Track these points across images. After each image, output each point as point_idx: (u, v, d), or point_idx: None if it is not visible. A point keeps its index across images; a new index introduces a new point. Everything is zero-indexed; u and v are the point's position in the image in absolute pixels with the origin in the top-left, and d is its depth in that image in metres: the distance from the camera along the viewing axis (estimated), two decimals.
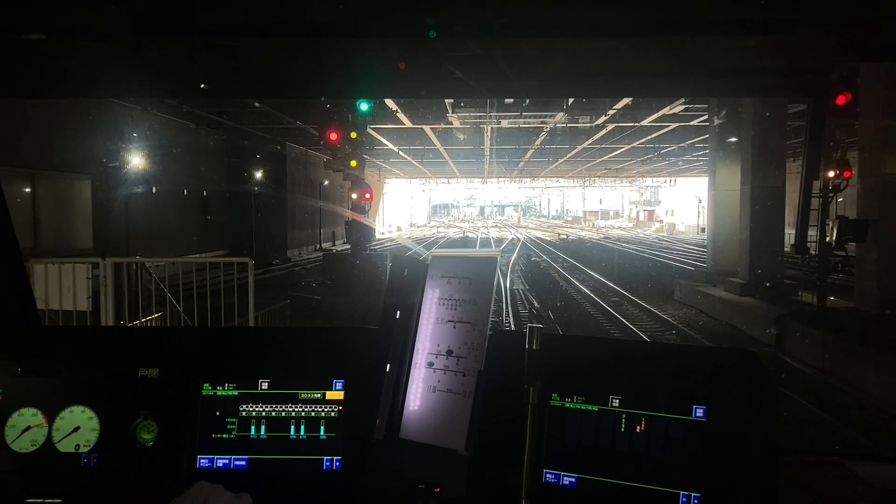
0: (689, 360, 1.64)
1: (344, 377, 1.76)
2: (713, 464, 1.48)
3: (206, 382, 1.76)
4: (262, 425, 1.74)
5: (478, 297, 1.63)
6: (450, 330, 1.64)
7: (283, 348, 1.84)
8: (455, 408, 1.56)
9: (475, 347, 1.59)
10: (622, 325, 15.04)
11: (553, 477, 1.60)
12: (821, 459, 1.92)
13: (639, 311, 17.26)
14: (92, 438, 1.74)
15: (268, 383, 1.76)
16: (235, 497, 1.56)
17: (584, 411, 1.60)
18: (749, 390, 1.51)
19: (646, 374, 1.60)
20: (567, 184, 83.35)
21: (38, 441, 1.73)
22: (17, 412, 1.74)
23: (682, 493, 1.48)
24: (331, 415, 1.75)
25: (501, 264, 24.39)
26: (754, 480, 1.45)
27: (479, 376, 1.57)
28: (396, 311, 1.69)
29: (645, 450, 1.53)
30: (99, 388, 1.76)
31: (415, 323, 1.67)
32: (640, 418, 1.55)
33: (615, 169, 53.25)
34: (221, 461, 1.73)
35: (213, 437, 1.74)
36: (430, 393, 1.60)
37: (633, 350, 1.76)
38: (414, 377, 1.64)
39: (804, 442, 7.42)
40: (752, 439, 1.48)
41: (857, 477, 1.77)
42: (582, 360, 1.66)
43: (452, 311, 1.65)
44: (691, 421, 1.51)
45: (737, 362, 1.54)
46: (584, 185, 76.34)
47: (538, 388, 1.56)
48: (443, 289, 1.68)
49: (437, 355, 1.63)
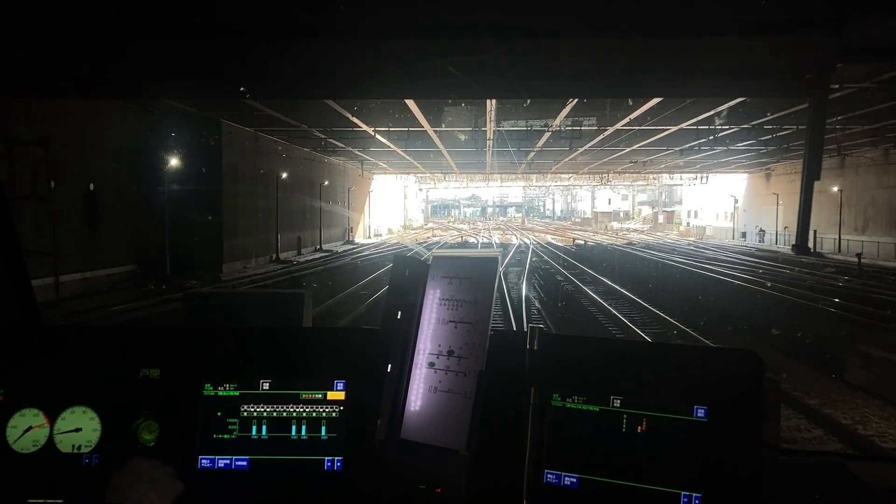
0: (691, 360, 1.63)
1: (345, 377, 1.76)
2: (714, 464, 1.47)
3: (208, 383, 1.77)
4: (263, 426, 1.75)
5: (479, 298, 1.64)
6: (451, 330, 1.64)
7: (285, 349, 1.84)
8: (456, 408, 1.57)
9: (476, 348, 1.60)
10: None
11: (554, 477, 1.59)
12: (821, 460, 1.96)
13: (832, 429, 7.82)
14: (93, 439, 1.74)
15: (269, 384, 1.77)
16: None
17: (586, 411, 1.60)
18: (750, 391, 1.50)
19: (647, 374, 1.59)
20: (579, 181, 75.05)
21: (39, 441, 1.73)
22: (19, 412, 1.74)
23: (684, 493, 1.48)
24: (332, 415, 1.75)
25: (511, 291, 19.05)
26: (755, 480, 1.45)
27: (480, 377, 1.57)
28: (397, 311, 1.69)
29: (646, 450, 1.53)
30: (100, 388, 1.77)
31: (416, 323, 1.68)
32: (641, 418, 1.55)
33: (643, 162, 44.96)
34: (223, 461, 1.73)
35: (214, 437, 1.74)
36: (431, 393, 1.61)
37: (635, 350, 1.74)
38: (415, 377, 1.64)
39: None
40: (753, 439, 1.47)
41: (858, 477, 1.78)
42: (583, 360, 1.65)
43: (453, 311, 1.65)
44: (692, 421, 1.51)
45: (738, 362, 1.53)
46: (602, 183, 67.88)
47: (539, 389, 1.60)
48: (444, 289, 1.68)
49: (438, 355, 1.63)
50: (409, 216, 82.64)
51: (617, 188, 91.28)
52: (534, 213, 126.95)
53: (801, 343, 12.17)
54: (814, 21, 1.49)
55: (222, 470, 1.71)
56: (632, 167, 48.94)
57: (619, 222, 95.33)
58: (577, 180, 73.16)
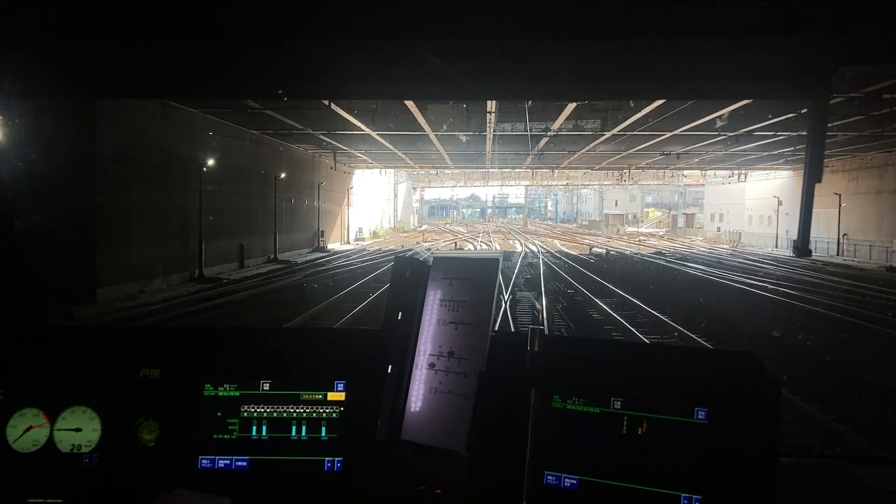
0: (691, 361, 1.63)
1: (345, 378, 1.76)
2: (714, 466, 1.47)
3: (208, 383, 1.76)
4: (263, 426, 1.74)
5: (479, 299, 1.63)
6: (451, 331, 1.64)
7: (285, 349, 1.84)
8: (456, 409, 1.56)
9: (476, 349, 1.59)
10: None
11: (554, 479, 1.58)
12: (821, 462, 1.96)
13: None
14: (93, 438, 1.74)
15: (269, 384, 1.76)
16: (214, 500, 1.58)
17: (586, 413, 1.59)
18: (751, 392, 1.50)
19: (647, 375, 1.58)
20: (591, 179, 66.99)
21: (39, 441, 1.73)
22: (19, 412, 1.74)
23: (684, 495, 1.47)
24: (332, 416, 1.75)
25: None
26: (755, 483, 1.45)
27: (481, 378, 1.56)
28: (398, 312, 1.69)
29: (646, 452, 1.52)
30: (100, 388, 1.76)
31: (416, 324, 1.67)
32: (641, 420, 1.54)
33: (677, 154, 36.90)
34: (223, 462, 1.72)
35: (214, 437, 1.74)
36: (431, 394, 1.60)
37: (635, 352, 1.74)
38: (415, 378, 1.64)
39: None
40: (754, 442, 1.47)
41: (858, 479, 1.79)
42: (583, 361, 1.65)
43: (454, 312, 1.65)
44: (693, 423, 1.51)
45: (739, 364, 1.53)
46: (619, 181, 59.59)
47: (539, 390, 1.58)
48: (444, 290, 1.68)
49: (438, 356, 1.63)
50: (400, 217, 74.56)
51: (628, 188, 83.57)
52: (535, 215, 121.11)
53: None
54: (815, 23, 1.49)
55: (222, 470, 1.71)
56: (662, 160, 40.84)
57: (630, 225, 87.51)
58: (589, 178, 65.05)
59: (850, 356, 11.48)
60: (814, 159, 1.57)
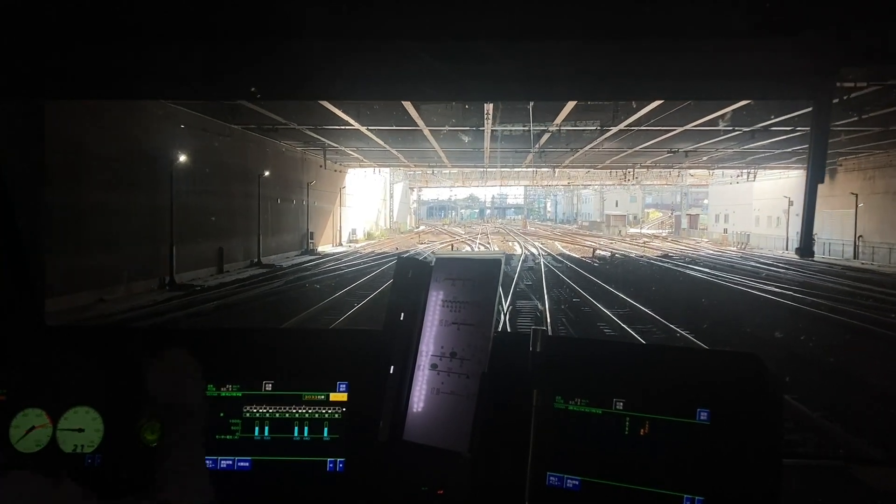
0: (693, 362, 1.62)
1: (348, 379, 1.76)
2: (717, 467, 1.46)
3: (210, 383, 1.76)
4: (265, 426, 1.74)
5: (481, 300, 1.63)
6: (453, 332, 1.64)
7: (287, 350, 1.84)
8: (458, 410, 1.57)
9: (479, 350, 1.60)
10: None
11: (556, 480, 1.58)
12: (824, 463, 1.94)
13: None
14: (96, 439, 1.73)
15: (271, 385, 1.76)
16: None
17: (588, 414, 1.59)
18: (753, 393, 1.49)
19: (650, 376, 1.58)
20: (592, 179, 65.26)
21: (42, 441, 1.73)
22: (22, 412, 1.74)
23: (686, 496, 1.47)
24: (334, 416, 1.75)
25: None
26: (758, 484, 1.44)
27: (483, 378, 1.57)
28: (400, 312, 1.69)
29: (649, 453, 1.52)
30: (103, 388, 1.76)
31: (418, 325, 1.68)
32: (643, 421, 1.54)
33: (685, 152, 35.04)
34: (225, 462, 1.72)
35: (216, 437, 1.74)
36: (433, 395, 1.61)
37: (637, 353, 1.74)
38: (417, 379, 1.64)
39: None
40: (756, 443, 1.46)
41: (861, 481, 1.77)
42: (585, 362, 1.64)
43: (456, 313, 1.65)
44: (695, 424, 1.50)
45: (741, 365, 1.52)
46: (622, 180, 57.61)
47: (542, 391, 1.58)
48: (447, 291, 1.68)
49: (440, 357, 1.63)
50: (396, 218, 72.69)
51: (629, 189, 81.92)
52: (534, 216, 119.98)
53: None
54: (818, 23, 1.49)
55: (225, 471, 1.71)
56: (669, 159, 38.99)
57: (631, 226, 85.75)
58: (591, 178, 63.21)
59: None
60: (816, 160, 1.58)
